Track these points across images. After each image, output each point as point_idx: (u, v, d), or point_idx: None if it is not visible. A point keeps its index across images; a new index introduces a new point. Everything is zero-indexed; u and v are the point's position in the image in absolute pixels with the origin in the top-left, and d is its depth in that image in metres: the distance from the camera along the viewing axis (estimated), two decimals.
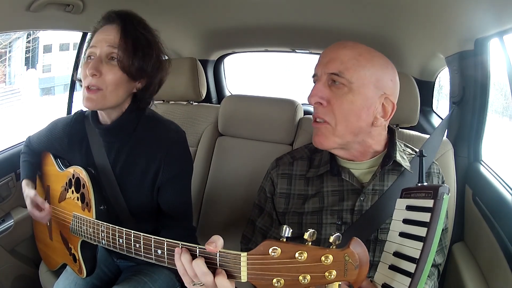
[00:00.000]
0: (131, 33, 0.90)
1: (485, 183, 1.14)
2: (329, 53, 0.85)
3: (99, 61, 0.88)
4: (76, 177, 0.97)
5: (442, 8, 1.10)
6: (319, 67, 0.85)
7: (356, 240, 0.55)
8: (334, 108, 0.83)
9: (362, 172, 0.91)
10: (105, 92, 0.89)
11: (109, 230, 0.80)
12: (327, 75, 0.83)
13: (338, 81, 0.82)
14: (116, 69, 0.89)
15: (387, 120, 0.87)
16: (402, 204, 0.72)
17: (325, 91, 0.83)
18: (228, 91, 2.36)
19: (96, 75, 0.87)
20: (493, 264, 1.02)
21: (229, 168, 1.49)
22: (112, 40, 0.89)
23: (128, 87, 0.93)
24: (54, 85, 5.48)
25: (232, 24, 1.71)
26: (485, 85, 1.21)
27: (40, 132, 1.14)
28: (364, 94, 0.83)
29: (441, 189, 0.65)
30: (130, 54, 0.89)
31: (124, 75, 0.90)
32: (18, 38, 4.75)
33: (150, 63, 0.93)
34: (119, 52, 0.88)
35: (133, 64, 0.90)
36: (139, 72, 0.92)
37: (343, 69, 0.82)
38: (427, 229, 0.64)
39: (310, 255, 0.54)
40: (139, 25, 0.93)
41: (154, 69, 0.95)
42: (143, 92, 0.97)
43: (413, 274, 0.63)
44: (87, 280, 1.06)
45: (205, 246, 0.60)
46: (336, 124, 0.83)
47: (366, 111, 0.84)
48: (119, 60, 0.88)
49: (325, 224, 0.89)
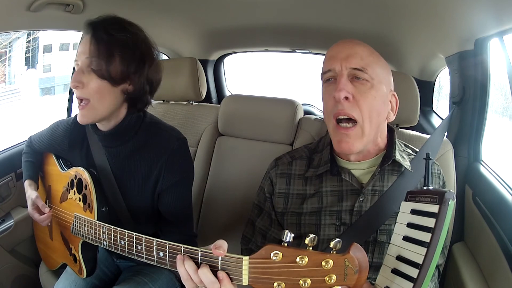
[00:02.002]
0: (102, 39, 0.88)
1: (485, 183, 1.14)
2: (344, 48, 0.84)
3: (80, 73, 0.88)
4: (78, 178, 0.97)
5: (442, 8, 1.10)
6: (337, 62, 0.83)
7: (356, 246, 0.56)
8: (360, 103, 0.82)
9: (362, 172, 0.91)
10: (93, 103, 0.89)
11: (111, 232, 0.80)
12: (349, 70, 0.82)
13: (362, 77, 0.82)
14: (95, 77, 0.88)
15: (395, 114, 0.90)
16: (407, 207, 0.72)
17: (349, 86, 0.82)
18: (228, 91, 2.36)
19: (79, 86, 0.88)
20: (493, 264, 1.02)
21: (229, 168, 1.49)
22: (89, 50, 0.88)
23: (113, 93, 0.91)
24: (54, 85, 5.48)
25: (232, 24, 1.71)
26: (485, 85, 1.21)
27: (42, 133, 1.14)
28: (382, 90, 0.84)
29: (447, 195, 0.65)
30: (104, 60, 0.87)
31: (105, 82, 0.88)
32: (18, 38, 4.75)
33: (132, 63, 0.90)
34: (92, 60, 0.87)
35: (110, 69, 0.88)
36: (120, 76, 0.90)
37: (364, 65, 0.82)
38: (431, 235, 0.64)
39: (311, 260, 0.55)
40: (113, 29, 0.89)
41: (139, 68, 0.92)
42: (135, 93, 0.94)
43: (415, 279, 0.63)
44: (87, 280, 1.07)
45: (213, 250, 0.61)
46: (363, 121, 0.82)
47: (384, 107, 0.86)
48: (93, 69, 0.87)
49: (324, 225, 0.89)
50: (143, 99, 0.96)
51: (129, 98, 0.94)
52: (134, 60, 0.91)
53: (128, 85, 0.92)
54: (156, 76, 0.97)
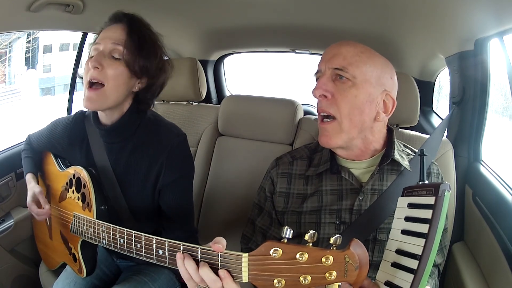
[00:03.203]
0: (138, 31, 0.92)
1: (485, 183, 1.14)
2: (331, 50, 0.88)
3: (102, 55, 0.90)
4: (77, 177, 0.97)
5: (442, 8, 1.10)
6: (323, 63, 0.87)
7: (356, 242, 0.55)
8: (338, 101, 0.84)
9: (361, 172, 0.91)
10: (106, 89, 0.90)
11: (110, 230, 0.80)
12: (331, 70, 0.85)
13: (343, 76, 0.84)
14: (117, 64, 0.90)
15: (388, 115, 0.90)
16: (404, 202, 0.73)
17: (329, 84, 0.85)
18: (228, 91, 2.36)
19: (98, 68, 0.89)
20: (493, 264, 1.02)
21: (229, 168, 1.49)
22: (117, 38, 0.91)
23: (129, 84, 0.94)
24: (54, 85, 5.49)
25: (232, 24, 1.71)
26: (485, 85, 1.21)
27: (41, 131, 1.14)
28: (367, 89, 0.85)
29: (442, 186, 0.66)
30: (135, 51, 0.91)
31: (126, 71, 0.91)
32: (18, 38, 4.76)
33: (154, 62, 0.95)
34: (124, 49, 0.90)
35: (138, 61, 0.91)
36: (142, 70, 0.93)
37: (346, 64, 0.84)
38: (429, 225, 0.65)
39: (311, 256, 0.54)
40: (144, 27, 0.95)
41: (157, 69, 0.96)
42: (144, 92, 0.97)
43: (415, 270, 0.63)
44: (86, 280, 1.06)
45: (211, 245, 0.61)
46: (341, 117, 0.85)
47: (368, 106, 0.86)
48: (124, 56, 0.90)
49: (324, 224, 0.89)
50: (147, 100, 1.00)
51: (137, 95, 0.98)
52: (156, 60, 0.95)
53: (142, 82, 0.96)
54: (166, 81, 1.02)
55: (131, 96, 0.97)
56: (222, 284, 0.61)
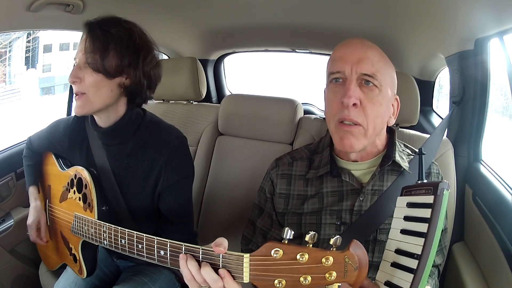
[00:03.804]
0: (97, 34, 0.90)
1: (485, 183, 1.14)
2: (356, 51, 0.82)
3: (78, 68, 0.91)
4: (78, 177, 0.97)
5: (442, 8, 1.10)
6: (347, 65, 0.81)
7: (356, 243, 0.56)
8: (366, 109, 0.81)
9: (362, 173, 0.91)
10: (88, 96, 0.91)
11: (111, 231, 0.80)
12: (358, 75, 0.81)
13: (370, 82, 0.81)
14: (91, 72, 0.90)
15: (395, 118, 0.90)
16: (403, 202, 0.72)
17: (357, 91, 0.81)
18: (228, 90, 2.36)
19: (77, 81, 0.90)
20: (493, 264, 1.02)
21: (229, 167, 1.49)
22: (83, 47, 0.91)
23: (109, 86, 0.92)
24: (54, 85, 5.49)
25: (232, 24, 1.71)
26: (485, 85, 1.21)
27: (41, 132, 1.14)
28: (387, 95, 0.84)
29: (441, 184, 0.65)
30: (98, 54, 0.89)
31: (100, 75, 0.90)
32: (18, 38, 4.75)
33: (126, 57, 0.91)
34: (87, 55, 0.90)
35: (104, 63, 0.90)
36: (115, 69, 0.91)
37: (375, 71, 0.81)
38: (428, 224, 0.64)
39: (311, 257, 0.55)
40: (108, 25, 0.91)
41: (133, 61, 0.92)
42: (132, 87, 0.95)
43: (415, 270, 0.63)
44: (87, 280, 1.07)
45: (214, 248, 0.61)
46: (367, 125, 0.82)
47: (388, 112, 0.86)
48: (89, 63, 0.89)
49: (324, 224, 0.89)
50: (141, 93, 0.97)
51: (127, 92, 0.95)
52: (128, 53, 0.92)
53: (125, 79, 0.93)
54: (155, 71, 0.98)
55: (122, 95, 0.95)
56: (223, 284, 0.61)
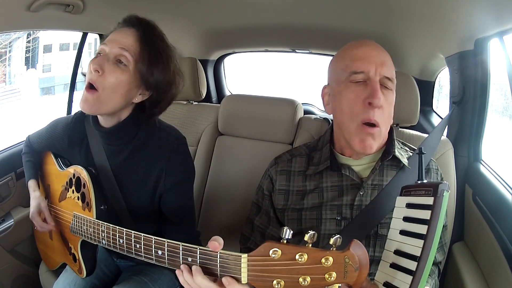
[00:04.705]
0: (151, 41, 0.87)
1: (485, 183, 1.14)
2: (378, 54, 0.85)
3: (105, 59, 0.85)
4: (77, 177, 0.97)
5: (442, 8, 1.10)
6: (371, 66, 0.83)
7: (356, 242, 0.55)
8: (385, 110, 0.84)
9: (362, 168, 0.92)
10: (100, 95, 0.85)
11: (109, 230, 0.80)
12: (381, 77, 0.83)
13: (388, 86, 0.84)
14: (120, 72, 0.85)
15: None
16: (402, 202, 0.72)
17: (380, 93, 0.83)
18: (228, 90, 2.36)
19: (99, 72, 0.84)
20: (493, 264, 1.02)
21: (229, 167, 1.49)
22: (126, 43, 0.85)
23: (128, 95, 0.88)
24: (54, 85, 5.48)
25: (232, 24, 1.71)
26: (485, 85, 1.21)
27: (40, 131, 1.14)
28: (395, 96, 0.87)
29: (441, 186, 0.65)
30: (146, 63, 0.86)
31: (128, 81, 0.86)
32: (18, 38, 4.75)
33: (165, 76, 0.90)
34: (133, 57, 0.85)
35: (147, 73, 0.86)
36: (150, 83, 0.88)
37: (393, 74, 0.85)
38: (427, 226, 0.64)
39: (310, 257, 0.54)
40: (159, 36, 0.90)
41: (168, 84, 0.91)
42: (151, 107, 0.93)
43: (414, 272, 0.63)
44: (86, 280, 1.06)
45: (209, 243, 0.61)
46: (384, 127, 0.85)
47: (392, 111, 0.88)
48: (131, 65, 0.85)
49: (325, 220, 0.89)
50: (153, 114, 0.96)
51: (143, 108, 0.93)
52: (168, 73, 0.90)
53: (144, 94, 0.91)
54: (175, 96, 0.96)
55: (131, 106, 0.93)
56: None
